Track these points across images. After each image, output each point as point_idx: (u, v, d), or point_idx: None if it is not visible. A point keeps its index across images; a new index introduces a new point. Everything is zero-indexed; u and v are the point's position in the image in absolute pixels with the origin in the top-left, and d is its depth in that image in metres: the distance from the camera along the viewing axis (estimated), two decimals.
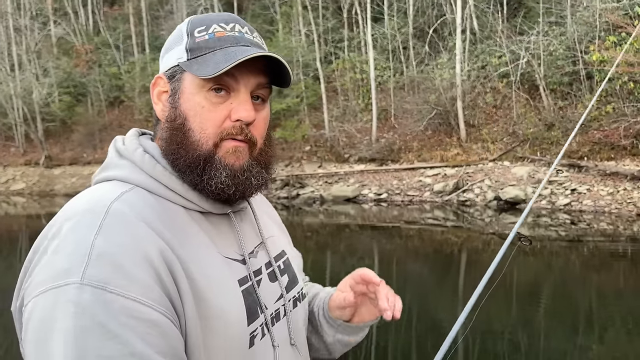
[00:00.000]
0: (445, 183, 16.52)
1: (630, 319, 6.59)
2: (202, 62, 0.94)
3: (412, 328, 6.46)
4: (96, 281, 0.78)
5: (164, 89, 1.00)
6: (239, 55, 0.92)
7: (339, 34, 24.97)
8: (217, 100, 0.95)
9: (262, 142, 1.02)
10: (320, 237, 13.40)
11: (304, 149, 21.50)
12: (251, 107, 0.96)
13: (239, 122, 0.95)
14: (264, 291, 1.03)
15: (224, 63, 0.91)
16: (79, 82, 28.45)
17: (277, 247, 1.16)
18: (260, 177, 1.00)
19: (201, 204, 0.98)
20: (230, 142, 0.96)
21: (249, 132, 0.97)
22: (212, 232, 0.98)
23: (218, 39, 0.96)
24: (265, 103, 1.02)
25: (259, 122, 0.99)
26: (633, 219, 12.59)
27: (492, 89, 19.87)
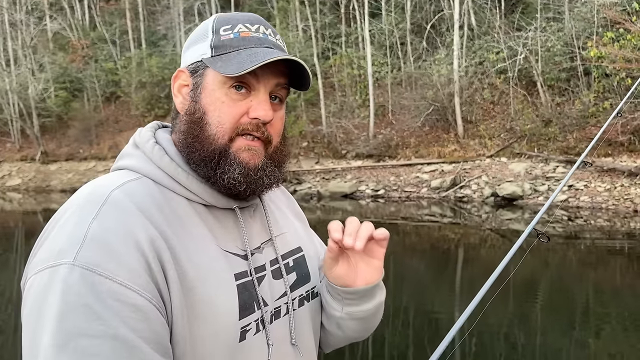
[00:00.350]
0: (443, 179, 16.51)
1: (628, 315, 6.58)
2: (226, 60, 0.97)
3: (409, 325, 6.44)
4: (86, 263, 0.81)
5: (185, 83, 1.03)
6: (263, 57, 0.94)
7: (336, 29, 24.91)
8: (237, 97, 0.97)
9: (278, 140, 1.04)
10: (318, 233, 13.20)
11: (301, 144, 21.46)
12: (269, 106, 0.99)
13: (257, 120, 0.98)
14: (265, 288, 1.03)
15: (248, 63, 0.94)
16: (75, 77, 28.33)
17: (291, 244, 1.16)
18: (272, 176, 1.03)
19: (204, 197, 1.00)
20: (244, 140, 0.98)
21: (266, 131, 1.00)
22: (215, 226, 1.00)
23: (243, 39, 0.99)
24: (283, 103, 1.05)
25: (276, 121, 1.02)
26: (630, 215, 12.60)
27: (489, 85, 19.85)
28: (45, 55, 28.68)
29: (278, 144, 1.04)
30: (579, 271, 9.01)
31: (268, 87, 0.99)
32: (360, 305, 1.11)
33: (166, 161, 0.99)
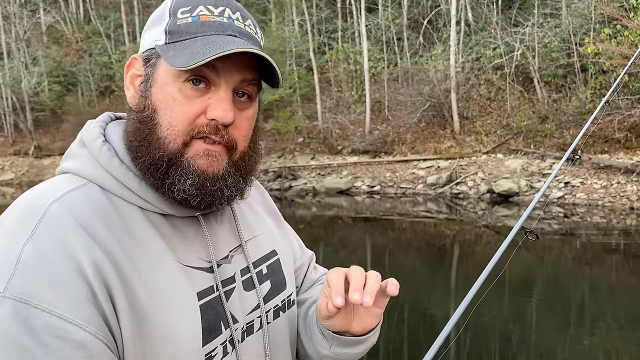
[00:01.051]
0: (439, 175, 16.47)
1: (622, 312, 6.61)
2: (179, 49, 0.82)
3: (404, 321, 6.41)
4: (19, 294, 0.70)
5: (139, 73, 0.89)
6: (220, 48, 0.80)
7: (332, 24, 24.82)
8: (192, 94, 0.83)
9: (246, 145, 0.90)
10: (313, 230, 13.36)
11: (297, 140, 21.41)
12: (230, 106, 0.84)
13: (215, 121, 0.83)
14: (235, 302, 0.92)
15: (201, 55, 0.79)
16: (69, 71, 28.14)
17: (264, 248, 1.04)
18: (235, 187, 0.88)
19: (161, 206, 0.87)
20: (202, 144, 0.84)
21: (227, 134, 0.85)
22: (173, 237, 0.87)
23: (202, 24, 0.84)
24: (252, 101, 0.90)
25: (242, 122, 0.88)
26: (627, 212, 12.61)
27: (486, 81, 19.83)
28: (39, 49, 28.46)
29: (245, 149, 0.90)
30: (574, 268, 9.02)
31: (231, 83, 0.84)
32: (351, 348, 1.00)
33: (115, 164, 0.85)
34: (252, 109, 0.90)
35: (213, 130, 0.83)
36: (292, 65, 22.65)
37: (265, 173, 19.31)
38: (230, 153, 0.87)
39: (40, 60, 28.00)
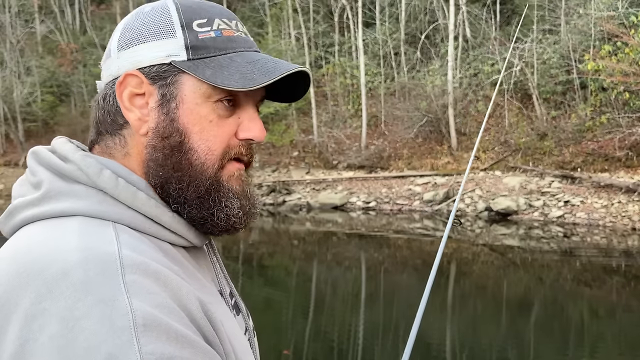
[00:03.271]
0: (436, 192, 16.27)
1: (623, 336, 6.58)
2: (218, 67, 0.77)
3: (399, 341, 6.32)
4: (159, 359, 0.59)
5: (139, 91, 0.79)
6: (273, 67, 0.78)
7: (329, 38, 24.85)
8: (225, 114, 0.79)
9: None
10: (307, 246, 13.31)
11: (292, 154, 21.34)
12: (262, 124, 0.83)
13: (248, 140, 0.82)
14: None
15: (260, 75, 0.76)
16: (62, 81, 28.12)
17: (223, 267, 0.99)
18: (258, 203, 0.87)
19: (190, 238, 0.80)
20: (235, 164, 0.82)
21: (254, 152, 0.85)
22: (199, 270, 0.82)
23: (228, 40, 0.80)
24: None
25: None
26: (628, 233, 12.40)
27: (484, 96, 19.72)
28: (32, 59, 28.37)
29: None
30: (574, 289, 8.96)
31: (255, 101, 0.83)
32: None
33: (143, 199, 0.75)
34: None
35: (247, 151, 0.83)
36: None
37: (259, 187, 19.11)
38: (247, 168, 0.85)
39: (33, 70, 27.96)
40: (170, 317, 0.63)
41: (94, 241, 0.67)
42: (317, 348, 6.29)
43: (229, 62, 0.78)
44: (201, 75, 0.76)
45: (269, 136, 20.60)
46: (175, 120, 0.77)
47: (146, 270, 0.65)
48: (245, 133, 0.81)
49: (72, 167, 0.75)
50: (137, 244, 0.70)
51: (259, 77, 0.76)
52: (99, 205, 0.73)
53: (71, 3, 32.35)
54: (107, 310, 0.59)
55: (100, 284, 0.61)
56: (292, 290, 9.12)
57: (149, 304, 0.62)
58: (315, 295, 8.93)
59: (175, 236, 0.78)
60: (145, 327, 0.60)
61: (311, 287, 9.50)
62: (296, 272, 10.76)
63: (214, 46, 0.78)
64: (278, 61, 0.80)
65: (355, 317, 7.55)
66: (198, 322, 0.67)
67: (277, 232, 14.65)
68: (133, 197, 0.75)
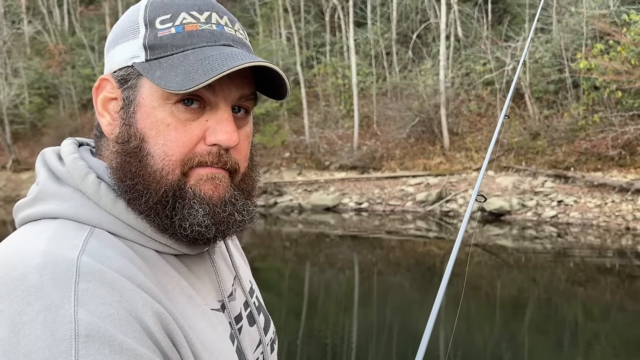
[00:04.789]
0: (428, 192, 16.18)
1: (617, 336, 6.56)
2: (168, 68, 0.73)
3: (392, 343, 6.36)
4: None
5: (112, 95, 0.79)
6: (221, 63, 0.71)
7: (321, 38, 24.76)
8: (187, 117, 0.75)
9: (246, 165, 0.82)
10: (299, 248, 13.24)
11: (283, 155, 21.19)
12: (233, 127, 0.76)
13: (217, 146, 0.76)
14: (245, 341, 0.86)
15: (202, 74, 0.70)
16: (51, 83, 27.83)
17: (246, 279, 0.97)
18: (245, 210, 0.80)
19: (177, 247, 0.78)
20: (204, 168, 0.76)
21: (229, 158, 0.77)
22: (192, 279, 0.80)
23: (189, 35, 0.75)
24: (249, 115, 0.82)
25: (242, 142, 0.80)
26: (622, 232, 12.35)
27: (476, 96, 19.67)
28: (20, 60, 28.11)
29: (245, 169, 0.82)
30: (568, 289, 8.95)
31: (229, 101, 0.76)
32: None
33: (121, 207, 0.75)
34: (249, 125, 0.83)
35: (215, 159, 0.76)
36: None
37: None
38: (232, 177, 0.79)
39: (21, 72, 27.69)
40: (120, 329, 0.61)
41: (59, 246, 0.66)
42: (310, 351, 6.26)
43: (182, 60, 0.73)
44: (151, 77, 0.73)
45: (259, 137, 20.48)
46: (132, 125, 0.75)
47: (102, 279, 0.63)
48: (210, 137, 0.75)
49: (65, 169, 0.76)
50: (105, 251, 0.68)
51: (199, 76, 0.70)
52: (80, 208, 0.73)
53: (59, 4, 32.05)
54: (51, 317, 0.59)
55: (50, 290, 0.61)
56: (285, 292, 9.02)
57: (97, 315, 0.61)
58: (307, 298, 8.88)
59: (158, 244, 0.76)
60: (88, 338, 0.59)
61: (304, 289, 9.45)
62: (288, 275, 10.67)
63: (172, 44, 0.74)
64: (234, 56, 0.73)
65: (348, 319, 7.53)
66: (154, 336, 0.65)
67: (269, 234, 14.53)
68: (112, 203, 0.74)
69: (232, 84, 0.76)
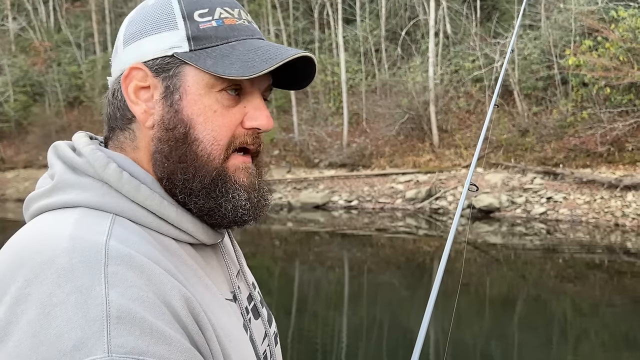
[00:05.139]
0: (418, 190, 16.15)
1: (606, 331, 6.61)
2: (220, 57, 0.77)
3: (382, 340, 6.37)
4: (128, 352, 0.59)
5: (144, 84, 0.80)
6: (274, 53, 0.77)
7: (309, 34, 24.64)
8: (229, 103, 0.80)
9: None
10: (289, 246, 13.21)
11: (272, 153, 21.07)
12: (268, 112, 0.83)
13: (256, 130, 0.82)
14: (255, 333, 0.87)
15: (261, 63, 0.76)
16: (36, 80, 27.48)
17: (248, 273, 0.99)
18: (268, 195, 0.87)
19: (197, 235, 0.81)
20: (240, 157, 0.82)
21: (261, 141, 0.85)
22: (207, 269, 0.82)
23: (230, 28, 0.80)
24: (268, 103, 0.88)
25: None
26: (611, 229, 12.37)
27: (465, 93, 19.64)
28: (4, 57, 27.74)
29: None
30: (557, 285, 8.97)
31: (261, 89, 0.82)
32: None
33: (145, 193, 0.76)
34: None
35: (253, 140, 0.83)
36: None
37: None
38: (255, 160, 0.86)
39: (5, 69, 27.30)
40: (149, 311, 0.63)
41: (86, 231, 0.68)
42: (300, 349, 6.25)
43: (231, 50, 0.77)
44: (202, 65, 0.76)
45: None
46: (179, 112, 0.78)
47: (131, 262, 0.65)
48: (251, 122, 0.81)
49: (83, 160, 0.77)
50: (130, 236, 0.71)
51: (259, 64, 0.75)
52: (102, 197, 0.75)
53: (45, 0, 31.69)
54: (82, 299, 0.60)
55: (81, 273, 0.62)
56: (274, 291, 8.95)
57: (127, 297, 0.62)
58: (297, 296, 8.85)
59: (179, 232, 0.78)
60: (119, 320, 0.60)
61: (293, 287, 9.41)
62: (278, 273, 10.60)
63: (216, 36, 0.78)
64: (280, 47, 0.79)
65: (338, 317, 7.51)
66: (182, 319, 0.66)
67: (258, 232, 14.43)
68: (136, 190, 0.76)
69: (264, 75, 0.79)
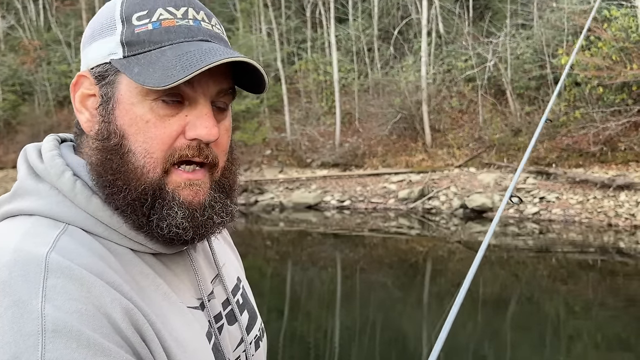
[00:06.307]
0: (411, 190, 16.07)
1: (599, 332, 6.57)
2: (146, 64, 0.74)
3: (376, 341, 6.35)
4: None
5: (90, 92, 0.79)
6: (199, 59, 0.72)
7: (301, 34, 24.53)
8: (166, 112, 0.75)
9: (225, 159, 0.82)
10: (281, 247, 13.13)
11: (264, 152, 20.93)
12: (213, 121, 0.77)
13: (197, 140, 0.76)
14: (225, 340, 0.86)
15: (181, 70, 0.71)
16: (25, 80, 27.16)
17: (232, 276, 0.97)
18: (225, 211, 0.81)
19: (152, 245, 0.78)
20: (183, 174, 0.77)
21: (210, 152, 0.78)
22: (169, 277, 0.80)
23: (166, 31, 0.75)
24: (227, 110, 0.82)
25: (222, 136, 0.81)
26: (604, 229, 12.34)
27: (457, 93, 19.59)
28: None
29: (225, 163, 0.82)
30: (550, 286, 8.94)
31: (208, 95, 0.77)
32: None
33: (96, 204, 0.75)
34: (228, 119, 0.83)
35: (196, 152, 0.77)
36: None
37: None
38: (211, 172, 0.80)
39: None
40: (87, 324, 0.62)
41: (30, 243, 0.67)
42: (293, 350, 6.21)
43: (159, 56, 0.73)
44: (129, 73, 0.73)
45: (240, 134, 20.18)
46: (111, 122, 0.75)
47: (70, 275, 0.65)
48: (190, 131, 0.75)
49: (43, 166, 0.76)
50: (75, 248, 0.69)
51: (178, 72, 0.70)
52: (55, 205, 0.74)
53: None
54: (19, 313, 0.60)
55: (19, 287, 0.62)
56: (266, 291, 8.88)
57: (64, 310, 0.62)
58: (290, 296, 8.79)
59: (132, 242, 0.76)
60: (55, 333, 0.60)
61: (286, 288, 9.34)
62: (270, 274, 10.52)
63: (149, 40, 0.74)
64: (213, 51, 0.73)
65: (331, 318, 7.48)
66: (122, 331, 0.65)
67: (250, 233, 14.35)
68: (87, 201, 0.74)
69: (211, 79, 0.76)
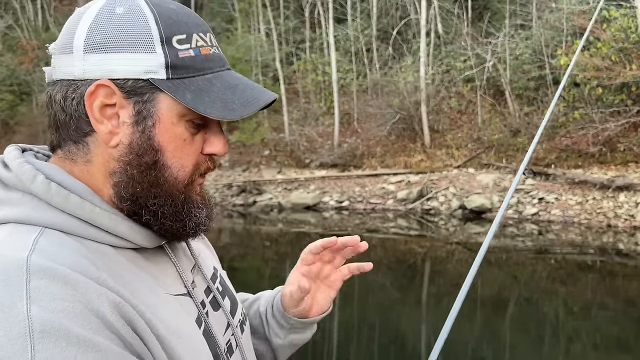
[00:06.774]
0: (409, 190, 16.03)
1: (598, 333, 6.56)
2: (198, 92, 0.77)
3: (374, 341, 6.39)
4: None
5: (109, 102, 0.77)
6: (251, 95, 0.82)
7: (300, 34, 24.49)
8: (193, 132, 0.82)
9: None
10: (279, 247, 13.07)
11: (263, 153, 20.91)
12: (225, 138, 0.86)
13: (214, 155, 0.86)
14: (213, 325, 0.88)
15: (241, 106, 0.79)
16: (23, 80, 27.12)
17: (209, 265, 1.00)
18: (214, 208, 0.91)
19: (134, 239, 0.81)
20: (200, 180, 0.86)
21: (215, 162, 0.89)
22: (151, 270, 0.82)
23: (206, 59, 0.80)
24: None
25: None
26: (603, 230, 12.31)
27: (456, 93, 19.56)
28: None
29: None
30: (549, 287, 8.93)
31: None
32: (307, 332, 1.14)
33: (75, 202, 0.75)
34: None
35: (212, 165, 0.86)
36: (258, 75, 22.16)
37: (229, 187, 18.66)
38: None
39: None
40: (75, 321, 0.62)
41: (9, 248, 0.68)
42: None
43: (209, 85, 0.78)
44: (182, 98, 0.76)
45: (238, 135, 20.21)
46: (151, 139, 0.78)
47: (53, 275, 0.65)
48: (210, 148, 0.83)
49: (11, 175, 0.76)
50: (55, 249, 0.69)
51: (239, 107, 0.78)
52: (31, 211, 0.74)
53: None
54: (4, 317, 0.60)
55: (1, 292, 0.62)
56: None
57: (51, 310, 0.62)
58: None
59: (114, 238, 0.77)
60: (43, 334, 0.60)
61: None
62: (268, 275, 10.46)
63: (194, 66, 0.78)
64: (254, 88, 0.82)
65: (328, 318, 7.28)
66: (112, 325, 0.66)
67: (248, 234, 14.29)
68: (65, 201, 0.75)
69: None
